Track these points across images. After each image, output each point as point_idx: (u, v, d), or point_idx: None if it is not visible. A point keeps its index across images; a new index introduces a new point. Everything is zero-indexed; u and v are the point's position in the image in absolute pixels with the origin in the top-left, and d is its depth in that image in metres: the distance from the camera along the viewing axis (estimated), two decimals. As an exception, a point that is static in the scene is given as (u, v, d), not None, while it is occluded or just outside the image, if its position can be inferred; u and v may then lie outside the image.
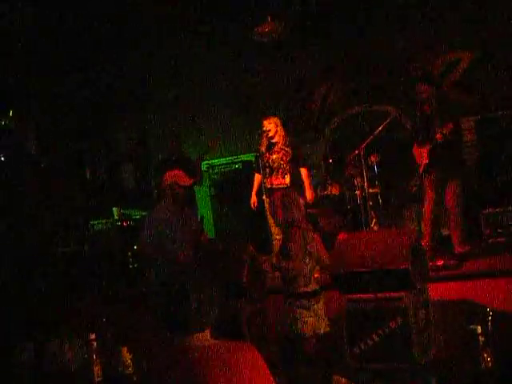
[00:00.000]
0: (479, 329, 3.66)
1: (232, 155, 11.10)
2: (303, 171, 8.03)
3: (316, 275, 5.53)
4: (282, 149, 7.93)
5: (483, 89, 9.65)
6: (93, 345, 4.43)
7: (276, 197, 5.66)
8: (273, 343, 5.89)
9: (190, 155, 9.32)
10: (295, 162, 7.95)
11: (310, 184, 8.03)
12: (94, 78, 11.68)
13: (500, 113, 9.32)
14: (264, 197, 7.83)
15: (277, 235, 7.78)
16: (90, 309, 7.53)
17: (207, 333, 2.99)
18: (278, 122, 8.01)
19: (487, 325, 4.08)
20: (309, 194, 7.94)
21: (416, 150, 7.70)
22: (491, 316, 4.22)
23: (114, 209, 10.33)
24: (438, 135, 7.35)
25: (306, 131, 10.84)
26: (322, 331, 5.32)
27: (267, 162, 7.91)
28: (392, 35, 10.00)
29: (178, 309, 2.95)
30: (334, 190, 9.08)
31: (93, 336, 4.45)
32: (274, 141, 7.94)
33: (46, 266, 9.47)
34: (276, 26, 9.81)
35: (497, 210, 8.44)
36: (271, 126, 7.93)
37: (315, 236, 5.50)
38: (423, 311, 5.46)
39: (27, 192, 10.61)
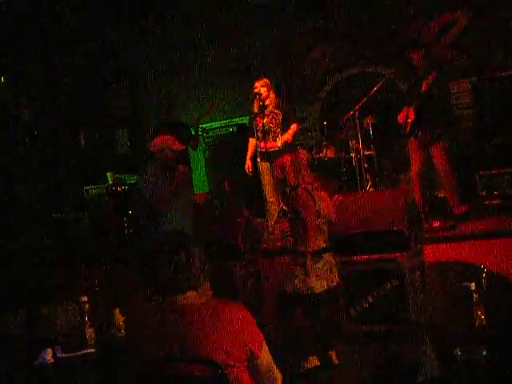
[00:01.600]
0: (473, 285, 3.63)
1: (227, 118, 11.03)
2: (293, 126, 7.96)
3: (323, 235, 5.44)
4: (272, 111, 7.88)
5: (479, 50, 9.58)
6: (85, 307, 4.40)
7: (285, 160, 5.54)
8: (266, 301, 5.87)
9: (186, 119, 9.26)
10: (286, 123, 7.89)
11: (291, 134, 7.92)
12: (87, 46, 11.61)
13: (496, 74, 9.24)
14: (258, 159, 7.77)
15: (270, 198, 7.78)
16: (83, 272, 7.52)
17: (198, 292, 2.98)
18: (269, 84, 7.94)
19: (481, 282, 4.07)
20: (284, 136, 7.85)
21: (404, 111, 7.63)
22: (485, 273, 4.21)
23: (108, 174, 10.30)
24: (423, 85, 7.27)
25: (300, 94, 10.77)
26: (319, 291, 5.27)
27: (258, 125, 7.87)
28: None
29: (168, 269, 2.94)
30: (329, 153, 9.02)
31: (85, 298, 4.41)
32: (265, 103, 7.89)
33: (40, 231, 9.44)
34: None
35: (493, 171, 8.40)
36: (263, 88, 7.87)
37: (323, 194, 5.44)
38: (419, 272, 5.45)
39: (19, 157, 10.58)
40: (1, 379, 4.20)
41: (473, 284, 3.64)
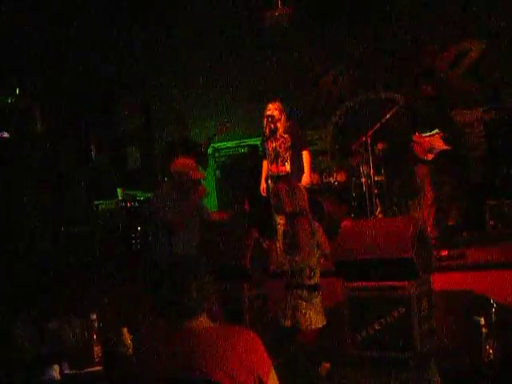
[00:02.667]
0: (482, 320, 3.63)
1: (238, 139, 11.07)
2: (304, 154, 7.97)
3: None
4: (282, 136, 7.88)
5: (492, 79, 9.61)
6: (94, 325, 4.42)
7: (280, 187, 5.62)
8: (271, 329, 5.88)
9: (197, 138, 9.31)
10: (296, 148, 7.90)
11: (310, 167, 7.96)
12: (100, 59, 11.67)
13: (509, 104, 9.28)
14: (269, 182, 7.80)
15: (280, 220, 7.78)
16: (92, 288, 7.53)
17: (205, 316, 2.99)
18: (282, 107, 7.95)
19: (491, 316, 4.06)
20: (306, 177, 7.85)
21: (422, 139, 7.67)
22: (495, 308, 4.20)
23: (119, 189, 10.34)
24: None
25: (313, 117, 10.81)
26: (319, 325, 5.32)
27: (268, 149, 7.89)
28: (402, 23, 9.97)
29: (176, 294, 2.95)
30: (340, 177, 9.06)
31: (94, 316, 4.44)
32: (276, 126, 7.89)
33: (50, 245, 9.47)
34: (286, 10, 9.77)
35: (502, 201, 8.42)
36: (276, 111, 7.88)
37: (318, 225, 5.50)
38: (426, 301, 5.45)
39: (31, 170, 10.61)
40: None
41: (482, 319, 3.63)
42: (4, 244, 9.00)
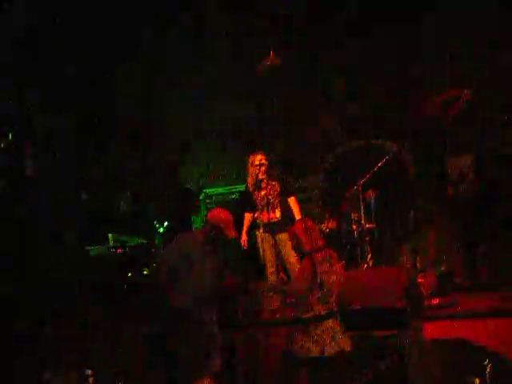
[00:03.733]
0: (477, 381, 3.62)
1: (230, 185, 11.09)
2: (291, 200, 8.07)
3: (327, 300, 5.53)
4: (269, 184, 7.96)
5: (483, 125, 9.69)
6: (89, 381, 4.37)
7: (297, 228, 5.73)
8: (269, 369, 5.87)
9: (188, 185, 9.34)
10: (284, 195, 7.99)
11: (300, 212, 8.02)
12: (92, 104, 11.73)
13: (499, 150, 9.33)
14: (260, 231, 7.85)
15: (270, 268, 7.84)
16: (84, 340, 7.39)
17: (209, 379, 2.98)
18: (264, 157, 8.06)
19: (485, 377, 4.04)
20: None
21: None
22: (490, 368, 4.17)
23: (110, 235, 10.30)
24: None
25: (303, 163, 10.85)
26: (317, 355, 5.33)
27: (256, 199, 7.97)
28: (393, 71, 10.09)
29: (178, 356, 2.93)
30: (331, 224, 9.07)
31: (89, 372, 4.39)
32: (260, 177, 7.99)
33: (38, 292, 9.37)
34: (279, 59, 9.87)
35: (493, 246, 8.42)
36: (263, 160, 7.98)
37: (338, 266, 5.60)
38: (418, 350, 5.44)
39: (22, 214, 10.55)
40: None
41: (477, 380, 3.61)
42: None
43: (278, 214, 7.91)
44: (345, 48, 10.38)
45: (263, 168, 7.95)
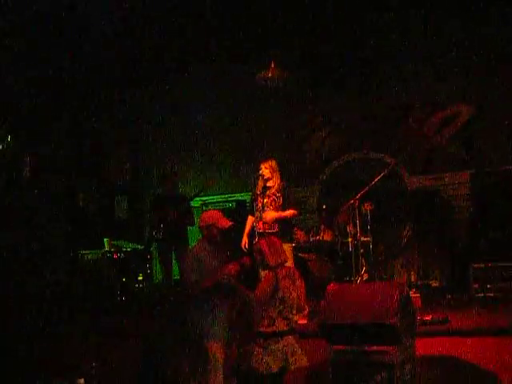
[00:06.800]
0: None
1: (226, 193, 11.13)
2: (289, 211, 7.96)
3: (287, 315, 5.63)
4: (274, 194, 7.87)
5: (479, 143, 9.75)
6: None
7: (261, 243, 5.85)
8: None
9: (185, 193, 9.36)
10: (284, 208, 7.92)
11: (285, 215, 7.92)
12: (91, 112, 11.81)
13: (495, 168, 9.38)
14: (256, 239, 7.82)
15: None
16: (78, 346, 7.33)
17: None
18: (275, 166, 7.97)
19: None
20: (271, 214, 7.85)
21: None
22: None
23: (105, 240, 10.30)
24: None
25: (301, 175, 10.88)
26: (275, 371, 5.44)
27: (258, 205, 7.91)
28: (392, 86, 10.15)
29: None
30: (326, 236, 9.10)
31: (81, 381, 4.40)
32: (268, 185, 7.92)
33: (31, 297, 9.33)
34: (279, 71, 9.92)
35: (486, 265, 8.45)
36: (266, 170, 7.91)
37: (299, 283, 5.70)
38: (409, 366, 5.45)
39: (16, 218, 10.57)
40: None
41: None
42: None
43: (275, 226, 7.82)
44: (345, 65, 10.45)
45: (262, 178, 7.90)
